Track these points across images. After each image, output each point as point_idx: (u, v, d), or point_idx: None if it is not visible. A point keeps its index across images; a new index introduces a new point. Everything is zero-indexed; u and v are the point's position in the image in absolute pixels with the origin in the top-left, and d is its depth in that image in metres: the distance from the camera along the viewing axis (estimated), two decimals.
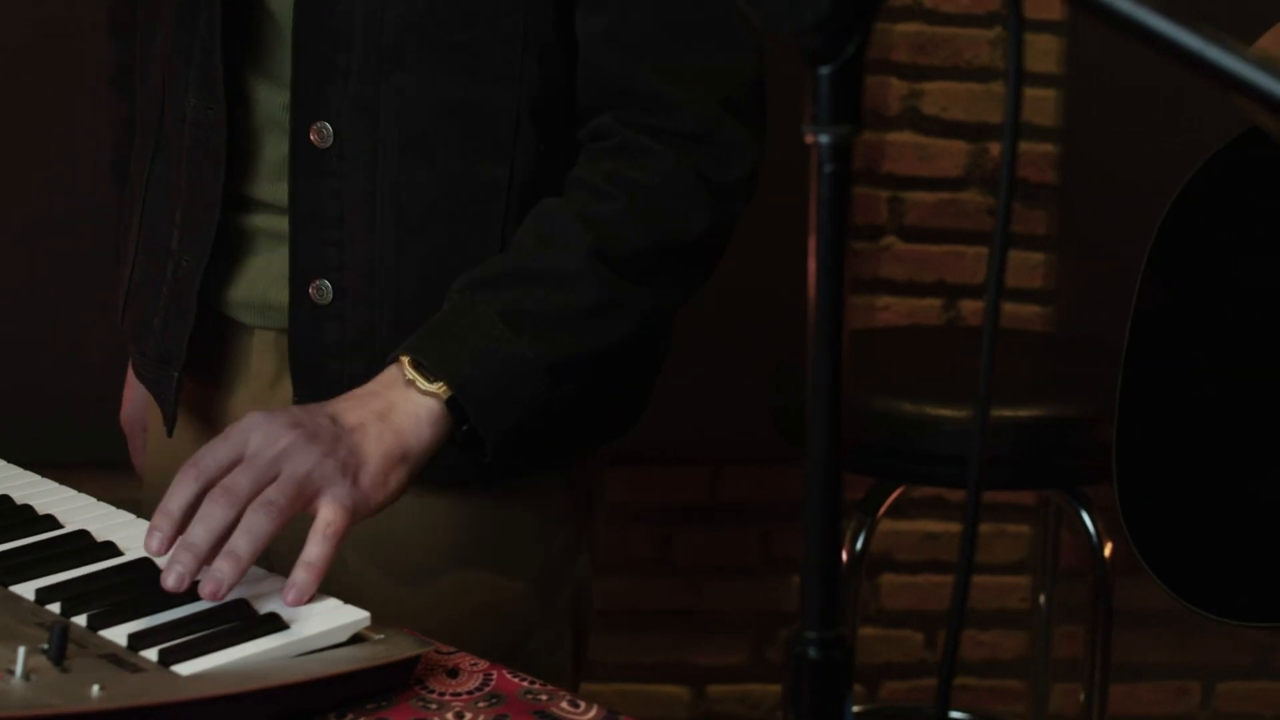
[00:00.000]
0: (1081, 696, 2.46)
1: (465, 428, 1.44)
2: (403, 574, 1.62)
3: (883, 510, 2.35)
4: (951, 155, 2.93)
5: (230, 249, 1.61)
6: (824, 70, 0.88)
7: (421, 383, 1.42)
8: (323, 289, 1.56)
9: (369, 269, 1.55)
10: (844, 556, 2.34)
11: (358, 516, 1.36)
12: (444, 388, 1.42)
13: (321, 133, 1.54)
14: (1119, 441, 1.84)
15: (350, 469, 1.35)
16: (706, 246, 1.54)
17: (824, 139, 0.89)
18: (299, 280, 1.57)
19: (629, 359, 1.55)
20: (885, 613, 3.05)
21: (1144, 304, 1.85)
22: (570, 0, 1.52)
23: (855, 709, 2.80)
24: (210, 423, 1.67)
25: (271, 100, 1.57)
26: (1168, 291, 1.85)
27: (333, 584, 1.34)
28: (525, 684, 1.30)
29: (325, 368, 1.57)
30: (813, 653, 0.95)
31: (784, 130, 0.86)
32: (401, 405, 1.41)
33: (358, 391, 1.43)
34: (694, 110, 1.50)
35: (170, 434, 1.67)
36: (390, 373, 1.44)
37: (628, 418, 1.69)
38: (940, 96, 2.92)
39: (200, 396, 1.68)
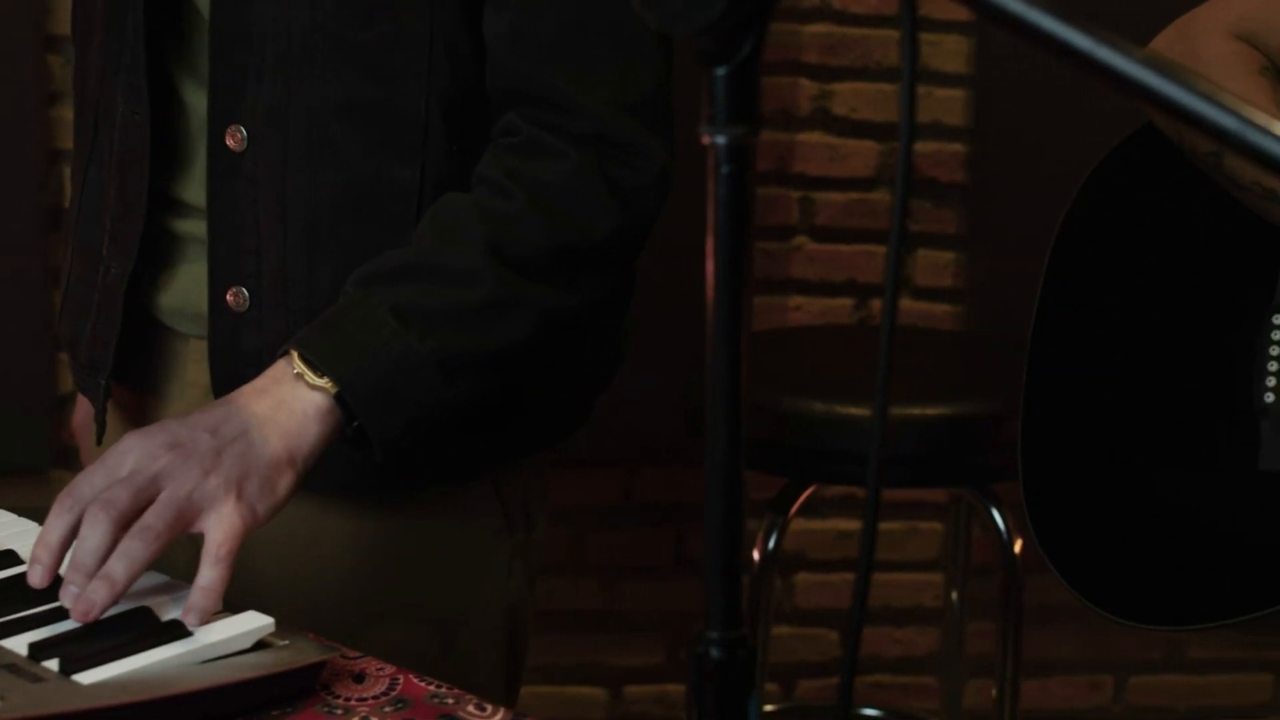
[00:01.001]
0: (994, 692, 2.47)
1: (355, 424, 1.42)
2: (327, 589, 1.61)
3: (794, 509, 2.36)
4: (862, 155, 2.94)
5: (163, 254, 1.60)
6: (719, 71, 0.88)
7: (310, 377, 1.40)
8: (241, 296, 1.55)
9: (283, 275, 1.54)
10: (756, 556, 2.34)
11: (248, 531, 1.34)
12: (331, 383, 1.40)
13: (236, 136, 1.53)
14: (1024, 439, 1.85)
15: (233, 484, 1.33)
16: (613, 249, 1.52)
17: (720, 140, 0.89)
18: (217, 287, 1.56)
19: (537, 361, 1.54)
20: (799, 612, 3.06)
21: (1046, 302, 1.86)
22: (479, 0, 1.52)
23: (770, 708, 2.81)
24: None
25: (203, 104, 1.56)
26: (1069, 289, 1.86)
27: (250, 603, 1.33)
28: (432, 688, 1.30)
29: (245, 375, 1.55)
30: (715, 653, 0.95)
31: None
32: (289, 402, 1.39)
33: (244, 390, 1.41)
34: (595, 113, 1.49)
35: (99, 442, 1.65)
36: (280, 366, 1.42)
37: (565, 424, 1.68)
38: (850, 97, 2.93)
39: (136, 404, 1.67)
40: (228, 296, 1.55)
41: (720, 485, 0.93)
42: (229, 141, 1.53)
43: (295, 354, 1.41)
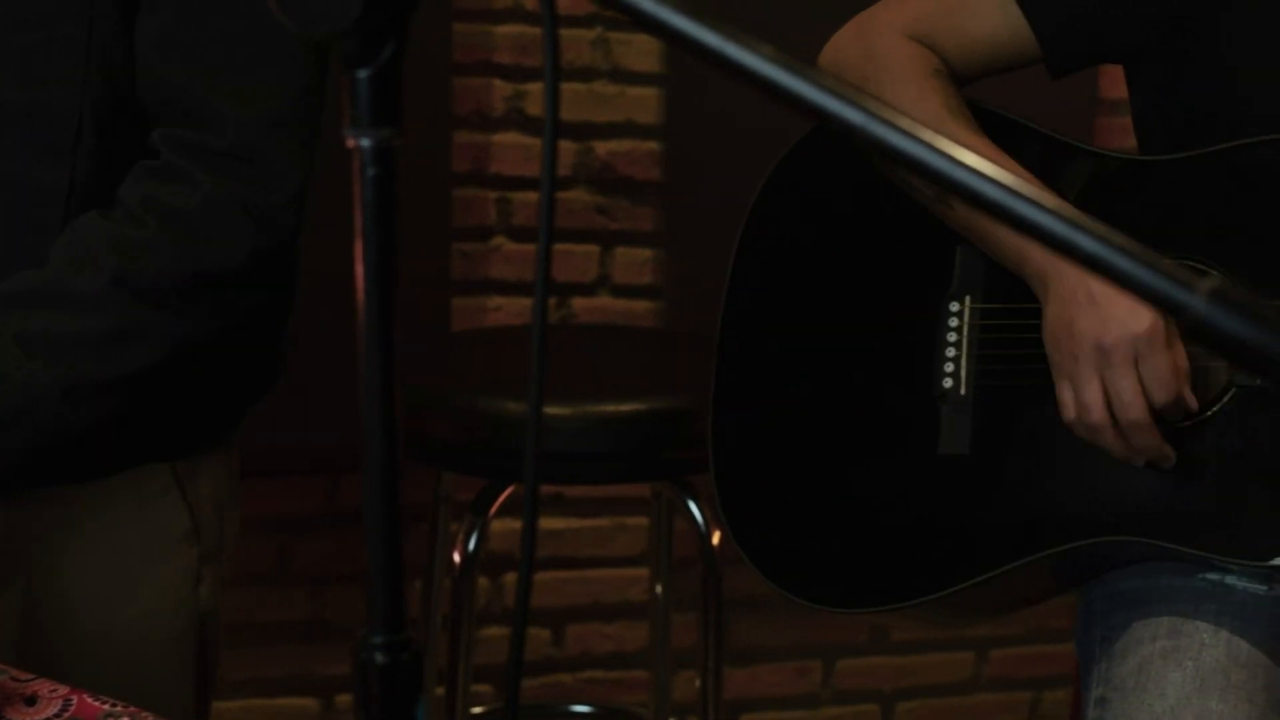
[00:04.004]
0: (697, 683, 2.50)
1: None
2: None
3: (494, 509, 2.35)
4: (557, 155, 2.95)
5: None
6: (361, 73, 0.88)
7: None
8: None
9: None
10: (457, 558, 2.33)
11: None
12: None
13: None
14: (715, 433, 1.87)
15: None
16: (250, 272, 1.52)
17: (365, 142, 0.89)
18: None
19: (176, 381, 1.53)
20: (510, 612, 3.06)
21: (735, 295, 1.88)
22: (135, 7, 1.50)
23: (479, 709, 2.81)
24: None
25: None
26: (756, 281, 1.89)
27: None
28: (106, 707, 1.27)
29: None
30: (379, 657, 0.95)
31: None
32: None
33: None
34: (237, 127, 1.49)
35: None
36: None
37: (216, 430, 1.66)
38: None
39: None
40: None
41: (378, 489, 0.93)
42: None
43: None
